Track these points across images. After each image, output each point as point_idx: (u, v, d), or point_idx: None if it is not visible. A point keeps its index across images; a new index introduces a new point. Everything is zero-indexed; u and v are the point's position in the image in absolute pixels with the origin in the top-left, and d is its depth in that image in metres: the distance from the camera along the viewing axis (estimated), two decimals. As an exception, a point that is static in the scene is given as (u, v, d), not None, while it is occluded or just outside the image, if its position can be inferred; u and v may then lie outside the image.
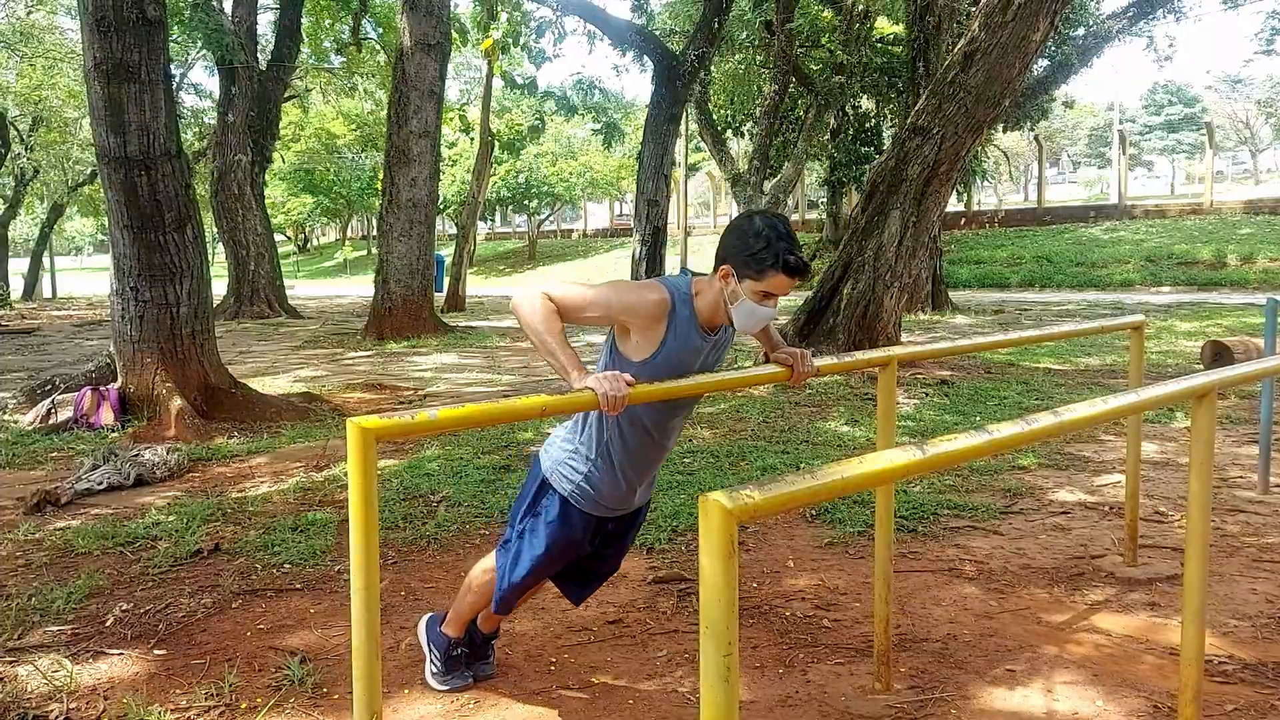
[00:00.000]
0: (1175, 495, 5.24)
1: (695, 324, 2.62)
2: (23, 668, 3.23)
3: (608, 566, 3.06)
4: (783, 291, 2.55)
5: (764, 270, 2.50)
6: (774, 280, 2.51)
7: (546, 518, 2.80)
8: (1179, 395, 2.42)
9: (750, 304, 2.55)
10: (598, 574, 3.07)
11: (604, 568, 3.05)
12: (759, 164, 22.71)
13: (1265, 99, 53.45)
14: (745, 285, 2.53)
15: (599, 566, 3.03)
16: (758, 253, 2.50)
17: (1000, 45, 8.69)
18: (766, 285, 2.52)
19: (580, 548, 2.86)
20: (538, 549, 2.80)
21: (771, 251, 2.49)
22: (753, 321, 2.60)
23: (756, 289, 2.53)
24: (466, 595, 3.05)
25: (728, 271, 2.55)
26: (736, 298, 2.55)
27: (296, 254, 57.41)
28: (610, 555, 3.01)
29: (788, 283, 2.53)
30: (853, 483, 1.61)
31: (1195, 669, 2.47)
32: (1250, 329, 12.06)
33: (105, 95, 7.09)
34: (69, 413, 7.36)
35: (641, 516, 3.03)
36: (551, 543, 2.79)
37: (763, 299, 2.55)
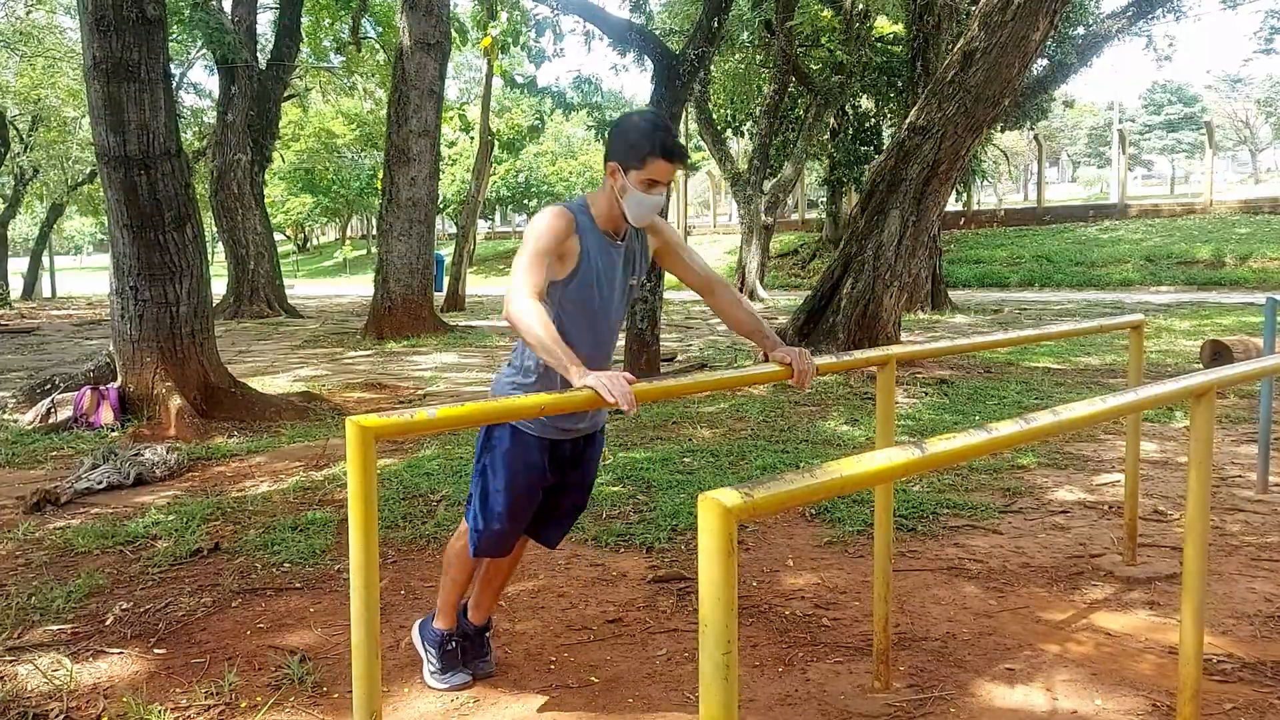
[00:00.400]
0: (1174, 494, 5.25)
1: (597, 230, 2.81)
2: (23, 666, 3.23)
3: (571, 499, 3.10)
4: (664, 178, 2.71)
5: (644, 158, 2.68)
6: (655, 166, 2.68)
7: (501, 448, 2.86)
8: (1178, 394, 2.42)
9: (638, 194, 2.72)
10: (564, 510, 3.11)
11: (568, 501, 3.10)
12: (759, 163, 22.72)
13: (1265, 98, 53.47)
14: (631, 177, 2.71)
15: (563, 501, 3.08)
16: (636, 143, 2.69)
17: (1000, 45, 8.69)
18: (649, 173, 2.69)
19: (540, 474, 2.89)
20: (500, 483, 2.87)
21: (649, 140, 2.68)
22: (643, 211, 2.76)
23: (641, 178, 2.70)
24: (446, 575, 3.10)
25: (614, 168, 2.73)
26: (625, 191, 2.73)
27: (296, 253, 57.42)
28: (572, 486, 3.06)
29: (668, 168, 2.69)
30: (852, 481, 1.61)
31: (1194, 668, 2.48)
32: (1249, 328, 12.06)
33: (105, 94, 7.08)
34: (69, 412, 7.36)
35: (597, 445, 3.07)
36: (511, 472, 2.85)
37: (649, 188, 2.71)
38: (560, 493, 3.05)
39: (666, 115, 2.75)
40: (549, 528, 3.14)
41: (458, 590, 3.11)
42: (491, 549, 2.97)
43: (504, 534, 2.95)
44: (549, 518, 3.10)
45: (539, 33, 13.41)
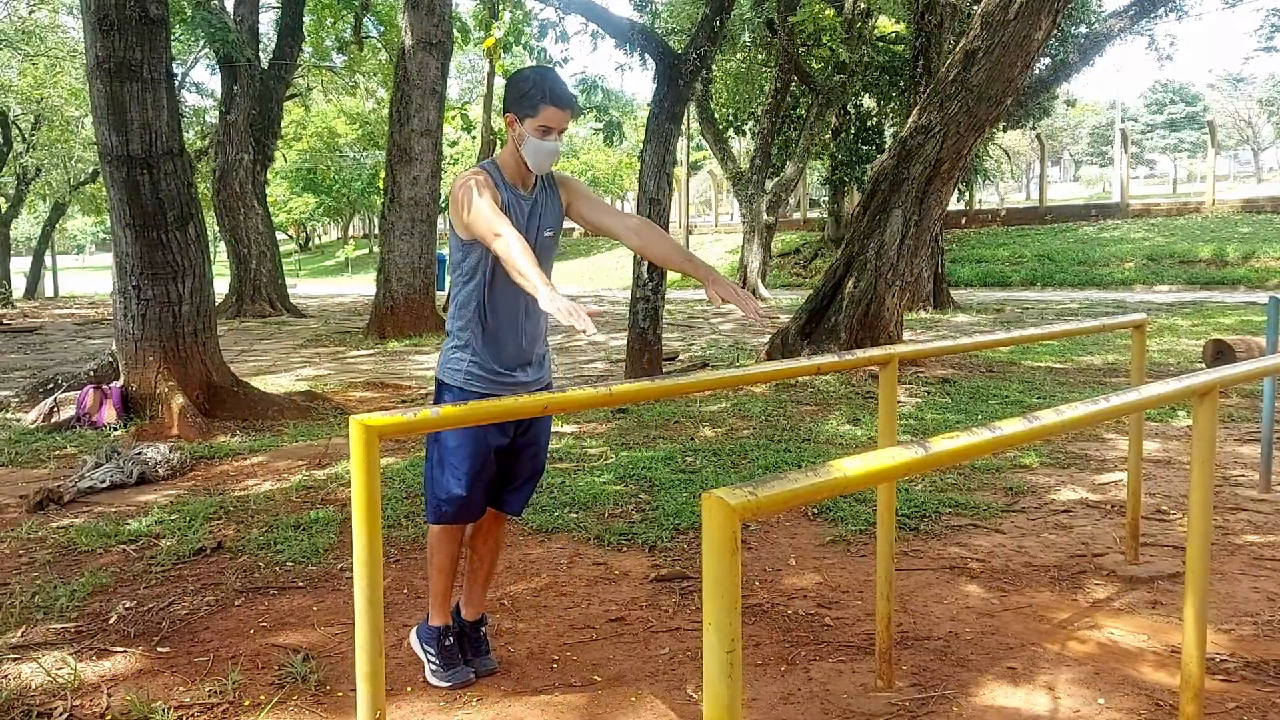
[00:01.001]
0: (1177, 493, 5.24)
1: (507, 184, 2.97)
2: (27, 665, 3.24)
3: (527, 464, 3.15)
4: (557, 124, 2.88)
5: (536, 105, 2.87)
6: (547, 113, 2.87)
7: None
8: (1181, 393, 2.42)
9: (535, 141, 2.89)
10: (521, 476, 3.17)
11: (524, 466, 3.15)
12: (760, 162, 22.71)
13: (1267, 97, 53.40)
14: (527, 125, 2.89)
15: (518, 466, 3.14)
16: (528, 92, 2.88)
17: (1002, 44, 8.68)
18: (542, 119, 2.87)
19: (491, 437, 2.96)
20: (452, 446, 2.95)
21: (539, 88, 2.87)
22: (541, 157, 2.92)
23: (535, 125, 2.88)
24: (432, 565, 3.15)
25: (511, 118, 2.93)
26: (523, 140, 2.91)
27: (298, 252, 57.42)
28: (525, 449, 3.12)
29: (559, 114, 2.87)
30: (855, 480, 1.61)
31: (1197, 667, 2.48)
32: (1252, 328, 12.05)
33: (108, 94, 7.09)
34: (71, 411, 7.37)
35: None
36: (462, 436, 2.93)
37: (543, 134, 2.89)
38: (514, 458, 3.11)
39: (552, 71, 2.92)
40: (509, 496, 3.19)
41: (445, 580, 3.15)
42: (449, 514, 3.03)
43: (459, 499, 3.00)
44: (507, 485, 3.17)
45: (542, 34, 13.40)
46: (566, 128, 2.96)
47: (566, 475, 5.73)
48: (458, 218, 2.90)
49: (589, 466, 5.97)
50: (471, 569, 3.27)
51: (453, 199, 2.91)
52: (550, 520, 4.83)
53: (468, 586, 3.27)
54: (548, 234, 3.06)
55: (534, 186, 3.03)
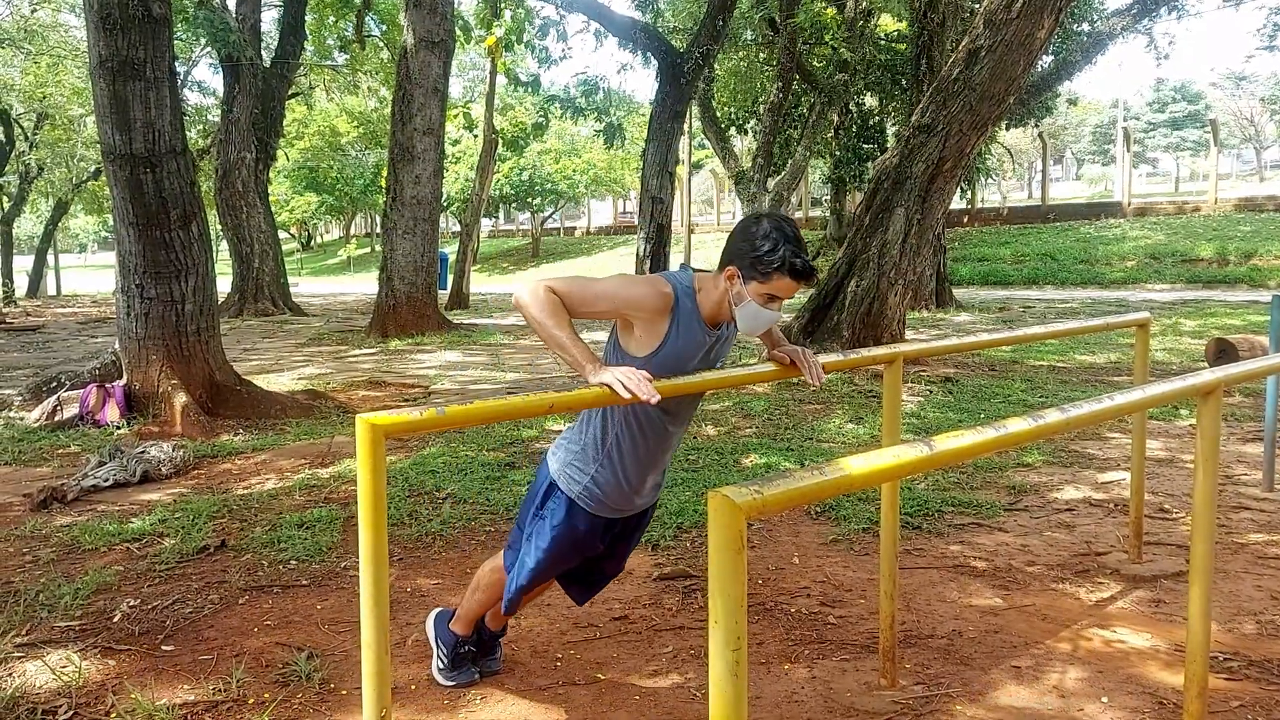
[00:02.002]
0: (1180, 492, 5.24)
1: (698, 319, 2.61)
2: (31, 663, 3.24)
3: (613, 567, 3.05)
4: (787, 294, 2.56)
5: (769, 273, 2.50)
6: (779, 283, 2.51)
7: (554, 520, 2.78)
8: (1185, 392, 2.42)
9: (754, 306, 2.55)
10: (603, 574, 3.07)
11: (609, 568, 3.05)
12: (762, 161, 22.69)
13: (1270, 96, 53.32)
14: (750, 287, 2.53)
15: (604, 567, 3.03)
16: (763, 255, 2.49)
17: (1005, 43, 8.67)
18: (771, 288, 2.52)
19: (588, 549, 2.85)
20: (545, 550, 2.79)
21: (777, 255, 2.48)
22: (757, 324, 2.61)
23: (761, 291, 2.53)
24: (475, 594, 3.06)
25: (733, 273, 2.54)
26: (741, 299, 2.55)
27: (300, 251, 57.45)
28: (616, 556, 3.01)
29: (793, 286, 2.53)
30: (860, 479, 1.61)
31: (1201, 666, 2.48)
32: (1254, 326, 12.05)
33: (110, 93, 7.10)
34: (74, 410, 7.38)
35: (648, 517, 3.02)
36: (559, 544, 2.78)
37: (767, 301, 2.55)
38: (603, 560, 2.99)
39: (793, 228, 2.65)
40: (583, 589, 3.09)
41: (483, 610, 3.09)
42: (522, 603, 2.96)
43: (536, 590, 2.96)
44: (585, 579, 3.06)
45: (543, 33, 13.40)
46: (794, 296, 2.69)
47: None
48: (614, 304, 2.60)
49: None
50: None
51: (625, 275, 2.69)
52: (553, 519, 4.83)
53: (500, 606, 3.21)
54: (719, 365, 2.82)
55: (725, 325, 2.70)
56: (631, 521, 2.93)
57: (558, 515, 2.78)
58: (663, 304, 2.56)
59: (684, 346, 2.61)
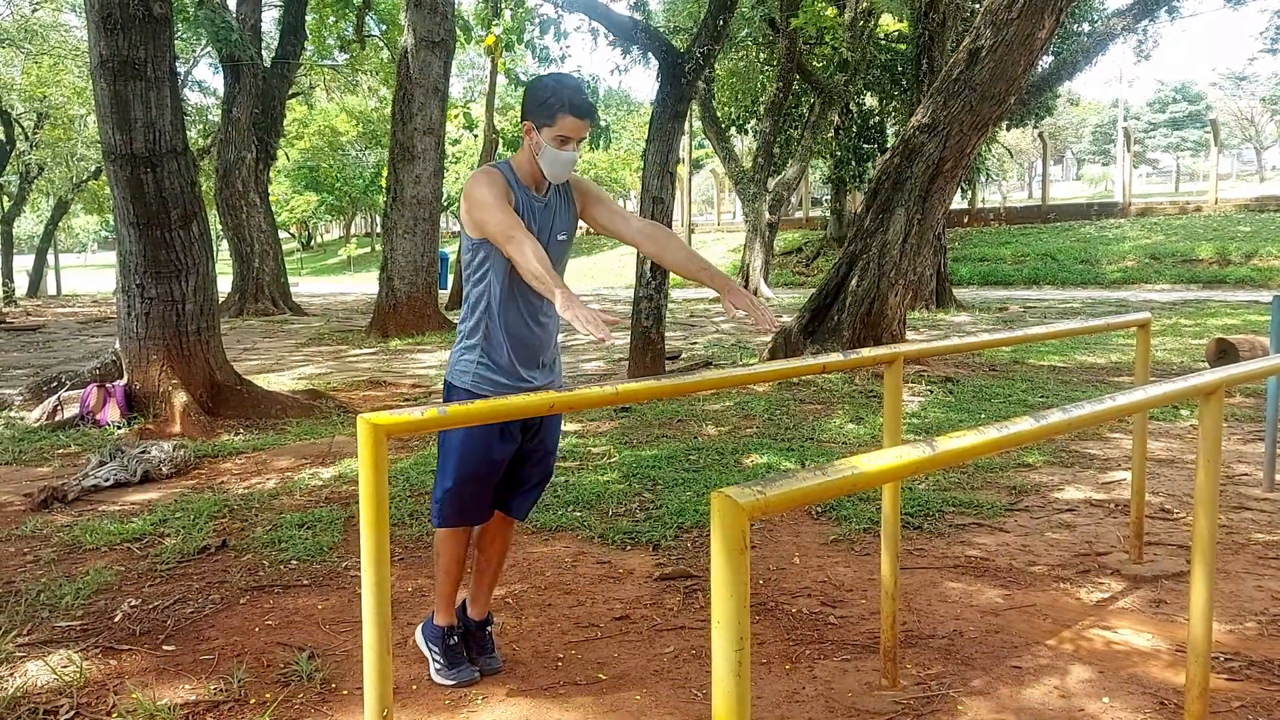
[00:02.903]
0: (1181, 492, 5.24)
1: (520, 185, 2.96)
2: (33, 663, 3.24)
3: (535, 468, 3.14)
4: (575, 134, 2.87)
5: (554, 115, 2.85)
6: (565, 123, 2.85)
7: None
8: (1186, 393, 2.42)
9: (552, 150, 2.89)
10: (529, 481, 3.16)
11: (532, 471, 3.14)
12: (763, 161, 22.69)
13: (1270, 96, 53.31)
14: (544, 134, 2.88)
15: (525, 470, 3.13)
16: (546, 101, 2.86)
17: (1005, 43, 8.67)
18: (560, 129, 2.86)
19: (494, 438, 2.95)
20: (458, 448, 2.95)
21: (557, 97, 2.85)
22: (558, 167, 2.91)
23: (553, 134, 2.87)
24: (438, 565, 3.15)
25: (529, 126, 2.91)
26: (539, 148, 2.90)
27: (300, 251, 57.46)
28: (533, 453, 3.10)
29: (578, 124, 2.87)
30: (863, 479, 1.61)
31: (1202, 666, 2.48)
32: (1255, 327, 12.05)
33: (111, 92, 7.10)
34: (75, 409, 7.38)
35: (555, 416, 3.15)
36: (465, 436, 2.93)
37: (561, 144, 2.88)
38: (522, 463, 3.10)
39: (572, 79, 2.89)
40: (516, 500, 3.18)
41: (451, 581, 3.15)
42: (454, 515, 3.03)
43: (463, 499, 3.00)
44: (515, 489, 3.16)
45: (543, 31, 13.39)
46: (585, 137, 2.95)
47: (570, 474, 5.74)
48: (469, 216, 2.89)
49: (593, 465, 5.98)
50: (478, 569, 3.27)
51: (465, 197, 2.89)
52: (554, 519, 4.84)
53: (474, 587, 3.27)
54: (561, 237, 3.05)
55: (548, 190, 3.02)
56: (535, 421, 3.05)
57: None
58: (500, 184, 2.88)
59: (522, 212, 2.91)
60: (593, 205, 3.12)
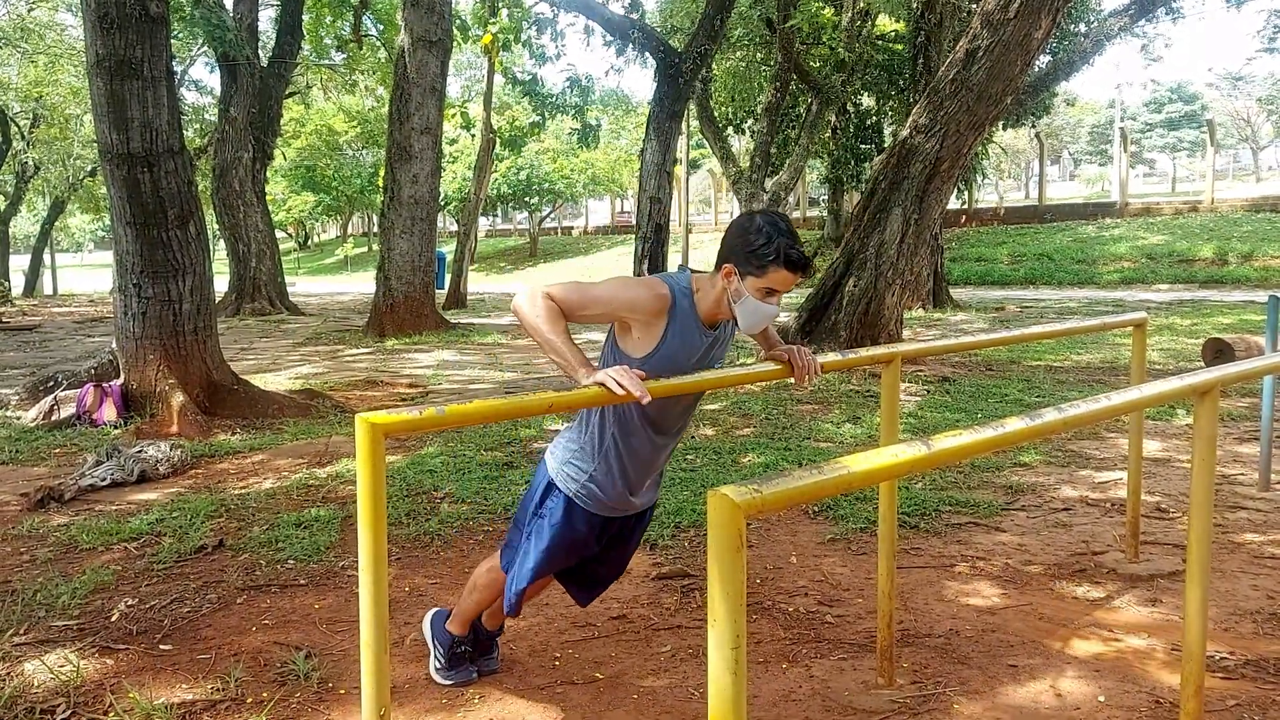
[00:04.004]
0: (1177, 492, 5.25)
1: (696, 319, 2.64)
2: (29, 663, 3.24)
3: (611, 569, 3.05)
4: (785, 287, 2.57)
5: (765, 266, 2.51)
6: (776, 276, 2.52)
7: (552, 519, 2.80)
8: (1182, 392, 2.43)
9: (754, 301, 2.56)
10: (602, 577, 3.07)
11: (607, 571, 3.05)
12: (760, 161, 22.70)
13: (1266, 96, 53.39)
14: (748, 283, 2.54)
15: (602, 570, 3.03)
16: (759, 249, 2.51)
17: (1002, 43, 8.69)
18: (768, 281, 2.53)
19: (585, 548, 2.86)
20: (543, 549, 2.80)
21: (773, 247, 2.50)
22: (757, 319, 2.62)
23: (759, 285, 2.54)
24: (471, 594, 3.06)
25: (730, 270, 2.56)
26: (740, 295, 2.56)
27: (297, 251, 57.39)
28: (614, 557, 3.01)
29: (790, 278, 2.54)
30: (859, 478, 1.62)
31: (1197, 664, 2.48)
32: (1251, 326, 12.07)
33: (108, 92, 7.09)
34: (72, 409, 7.37)
35: (647, 518, 3.02)
36: (557, 543, 2.79)
37: (765, 296, 2.56)
38: (600, 563, 2.99)
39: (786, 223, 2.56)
40: (583, 590, 3.09)
41: (479, 610, 3.10)
42: (521, 603, 2.94)
43: (534, 590, 2.95)
44: (585, 581, 3.06)
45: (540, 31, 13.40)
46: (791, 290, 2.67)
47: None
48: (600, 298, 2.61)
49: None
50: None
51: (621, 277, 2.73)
52: (551, 518, 4.83)
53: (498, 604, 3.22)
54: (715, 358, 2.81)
55: (722, 326, 2.72)
56: (630, 523, 2.93)
57: (556, 514, 2.79)
58: (659, 306, 2.59)
59: (681, 348, 2.63)
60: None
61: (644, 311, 2.59)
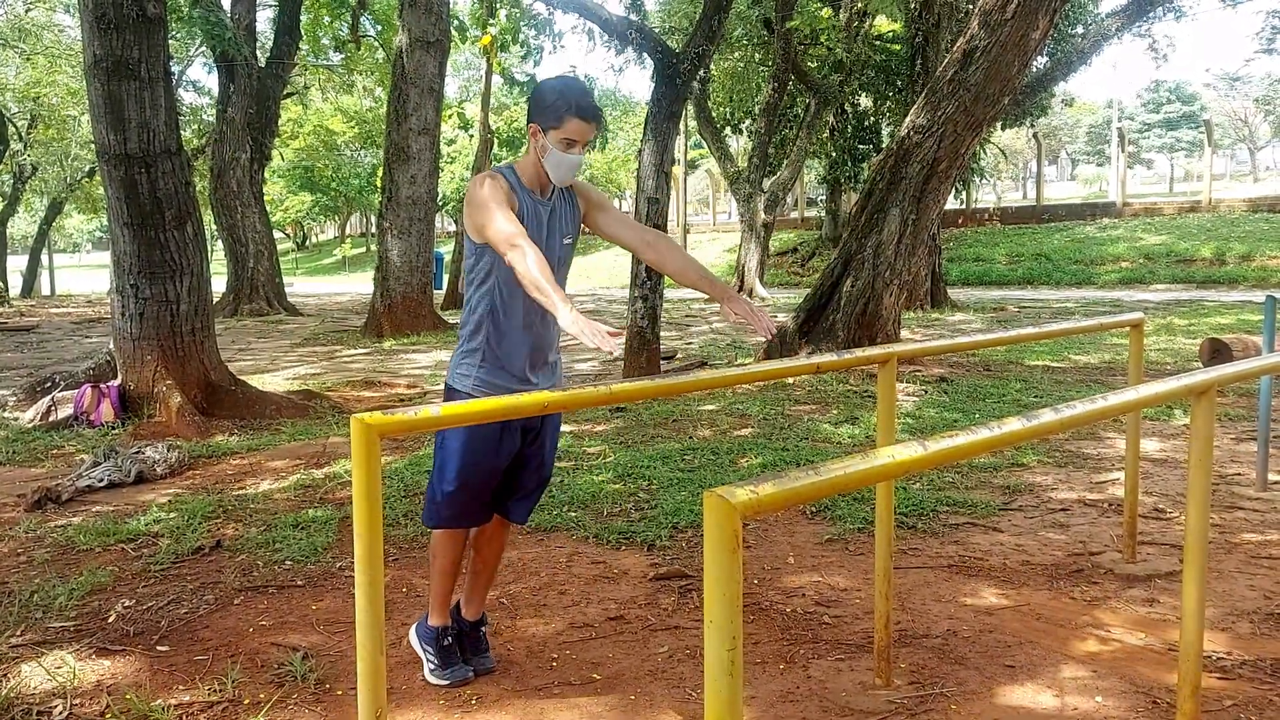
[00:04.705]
0: (1174, 492, 5.26)
1: (525, 188, 2.95)
2: (26, 664, 3.24)
3: (534, 473, 3.13)
4: (581, 137, 2.86)
5: (561, 117, 2.84)
6: (571, 125, 2.84)
7: None
8: (1179, 392, 2.43)
9: (558, 154, 2.88)
10: (528, 485, 3.15)
11: (531, 475, 3.13)
12: (758, 162, 22.72)
13: (1263, 96, 53.45)
14: (550, 137, 2.87)
15: (524, 475, 3.11)
16: (552, 104, 2.85)
17: (1000, 43, 8.69)
18: (566, 132, 2.85)
19: (494, 442, 2.94)
20: (457, 448, 2.93)
21: (564, 99, 2.84)
22: (564, 170, 2.91)
23: (559, 137, 2.85)
24: (434, 567, 3.15)
25: (535, 129, 2.90)
26: (546, 150, 2.89)
27: (295, 251, 57.37)
28: (532, 458, 3.09)
29: (584, 126, 2.86)
30: (856, 479, 1.62)
31: (1194, 665, 2.48)
32: (1248, 326, 12.08)
33: (105, 92, 7.09)
34: (69, 410, 7.37)
35: (557, 419, 3.15)
36: (466, 439, 2.91)
37: (567, 146, 2.87)
38: (521, 466, 3.09)
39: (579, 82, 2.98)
40: (515, 504, 3.18)
41: (447, 582, 3.14)
42: (450, 518, 3.02)
43: (460, 502, 2.99)
44: (514, 494, 3.15)
45: (538, 31, 13.40)
46: (590, 140, 2.94)
47: (565, 474, 5.74)
48: (470, 220, 2.86)
49: (588, 465, 5.98)
50: (474, 571, 3.27)
51: (468, 201, 2.88)
52: (549, 519, 4.84)
53: (469, 588, 3.27)
54: (565, 240, 3.04)
55: (552, 193, 3.00)
56: (537, 421, 3.04)
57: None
58: (503, 189, 2.85)
59: (529, 217, 2.90)
60: (595, 210, 3.12)
61: (505, 193, 2.85)
